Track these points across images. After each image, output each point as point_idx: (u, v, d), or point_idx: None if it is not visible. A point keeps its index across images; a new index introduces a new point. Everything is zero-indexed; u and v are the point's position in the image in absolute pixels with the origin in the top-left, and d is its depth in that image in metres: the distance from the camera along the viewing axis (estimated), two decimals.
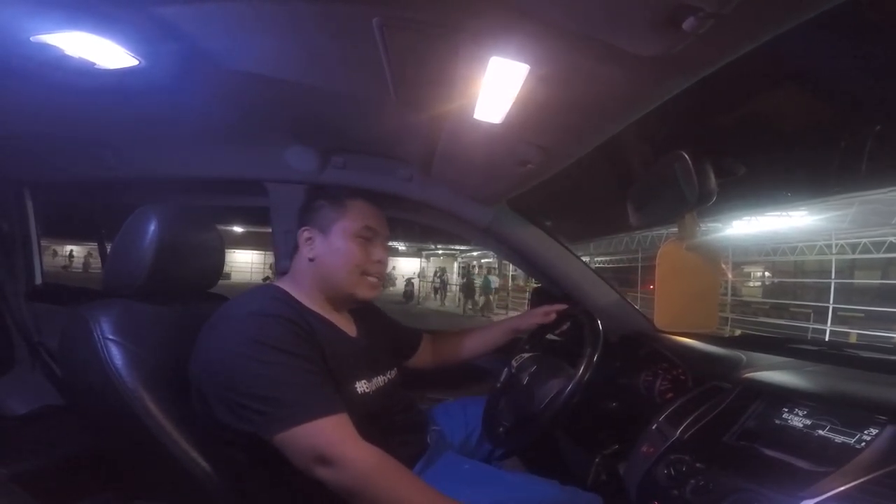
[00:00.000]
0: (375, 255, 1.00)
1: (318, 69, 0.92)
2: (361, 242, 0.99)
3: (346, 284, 0.98)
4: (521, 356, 1.20)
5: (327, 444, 0.76)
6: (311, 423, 0.76)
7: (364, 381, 0.95)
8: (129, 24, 0.78)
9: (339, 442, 0.77)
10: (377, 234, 1.02)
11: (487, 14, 0.64)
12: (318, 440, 0.76)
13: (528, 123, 0.90)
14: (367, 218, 1.00)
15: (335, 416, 0.78)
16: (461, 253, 22.35)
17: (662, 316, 1.16)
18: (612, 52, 0.62)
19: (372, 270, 1.00)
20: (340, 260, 0.97)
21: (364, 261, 0.98)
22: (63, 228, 9.19)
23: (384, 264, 1.03)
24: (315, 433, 0.76)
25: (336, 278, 0.98)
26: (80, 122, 1.25)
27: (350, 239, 0.98)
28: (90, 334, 0.88)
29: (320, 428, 0.76)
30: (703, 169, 0.88)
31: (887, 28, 0.96)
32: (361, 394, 0.93)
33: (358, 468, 0.75)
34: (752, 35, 0.57)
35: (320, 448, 0.75)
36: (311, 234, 0.99)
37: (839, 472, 0.66)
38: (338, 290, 0.99)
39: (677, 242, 1.04)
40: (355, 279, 0.98)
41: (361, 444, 0.78)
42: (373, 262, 1.00)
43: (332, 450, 0.75)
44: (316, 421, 0.76)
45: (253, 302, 0.89)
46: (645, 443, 0.94)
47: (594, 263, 16.13)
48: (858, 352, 1.15)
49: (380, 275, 1.02)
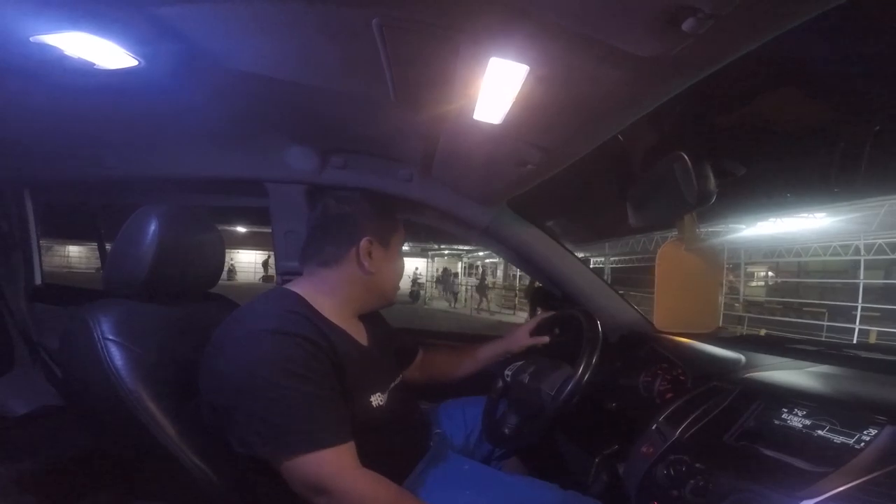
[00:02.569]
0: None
1: (318, 69, 0.92)
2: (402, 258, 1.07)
3: (392, 296, 1.05)
4: (514, 364, 1.20)
5: (326, 475, 0.75)
6: (314, 454, 0.75)
7: (378, 393, 0.93)
8: (128, 25, 0.78)
9: (337, 473, 0.76)
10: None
11: (487, 15, 0.64)
12: (318, 470, 0.75)
13: (527, 124, 0.90)
14: (405, 235, 1.08)
15: (340, 447, 0.77)
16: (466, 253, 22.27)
17: (662, 316, 1.16)
18: (611, 53, 0.62)
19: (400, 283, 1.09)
20: (397, 274, 1.04)
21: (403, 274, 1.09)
22: (63, 229, 9.19)
23: None
24: (315, 464, 0.75)
25: (389, 292, 1.03)
26: (80, 123, 1.25)
27: (400, 255, 1.05)
28: (90, 335, 0.88)
29: (321, 459, 0.75)
30: (703, 170, 0.88)
31: (887, 27, 0.96)
32: (377, 407, 0.92)
33: (349, 498, 0.76)
34: (751, 36, 0.57)
35: (317, 479, 0.75)
36: (375, 246, 0.96)
37: (838, 473, 0.66)
38: (382, 302, 1.04)
39: (677, 243, 1.04)
40: (393, 289, 1.05)
41: (360, 473, 0.78)
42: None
43: (330, 481, 0.75)
44: (318, 452, 0.75)
45: (270, 315, 0.84)
46: (645, 443, 0.94)
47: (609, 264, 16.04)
48: (858, 352, 1.16)
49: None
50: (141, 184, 1.59)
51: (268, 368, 0.77)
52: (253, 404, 0.76)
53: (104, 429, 0.98)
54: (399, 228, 1.03)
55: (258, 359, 0.78)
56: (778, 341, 1.30)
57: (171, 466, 0.86)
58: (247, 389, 0.77)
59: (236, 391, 0.78)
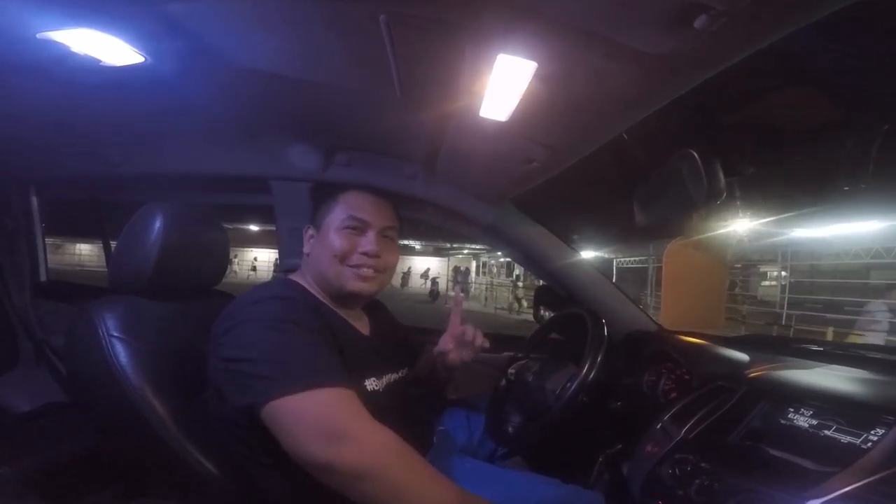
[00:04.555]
0: (363, 245, 0.96)
1: (324, 66, 0.91)
2: (347, 234, 0.96)
3: (333, 277, 0.96)
4: (517, 364, 1.20)
5: (336, 416, 0.72)
6: (318, 391, 0.72)
7: (374, 378, 0.94)
8: (135, 21, 0.78)
9: (349, 417, 0.72)
10: (367, 224, 0.97)
11: (495, 11, 0.63)
12: (326, 410, 0.72)
13: (534, 121, 0.90)
14: (354, 209, 0.97)
15: (345, 390, 0.75)
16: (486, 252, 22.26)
17: (669, 315, 1.16)
18: (621, 50, 0.62)
19: (356, 261, 0.95)
20: (326, 252, 0.95)
21: (347, 251, 0.95)
22: (72, 227, 9.20)
23: (378, 257, 0.97)
24: (323, 402, 0.72)
25: (323, 272, 0.96)
26: (86, 119, 1.25)
27: (335, 231, 0.96)
28: (95, 331, 0.88)
29: (329, 398, 0.73)
30: (712, 168, 0.87)
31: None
32: (371, 391, 0.92)
33: (369, 446, 0.71)
34: (763, 33, 0.56)
35: (328, 421, 0.71)
36: (312, 231, 1.00)
37: (845, 473, 0.66)
38: (329, 284, 0.97)
39: (684, 242, 1.03)
40: (337, 270, 0.95)
41: (373, 421, 0.74)
42: (360, 253, 0.95)
43: (342, 424, 0.71)
44: (324, 389, 0.73)
45: (268, 290, 0.90)
46: (649, 442, 0.94)
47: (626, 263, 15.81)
48: (864, 352, 1.15)
49: (369, 266, 0.97)
50: (146, 181, 1.59)
51: (267, 318, 0.80)
52: (259, 351, 0.77)
53: (109, 426, 0.98)
54: (332, 209, 0.98)
55: (263, 315, 0.81)
56: (783, 341, 1.30)
57: (176, 463, 0.86)
58: (252, 341, 0.79)
59: (242, 343, 0.79)
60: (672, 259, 1.06)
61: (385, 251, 0.99)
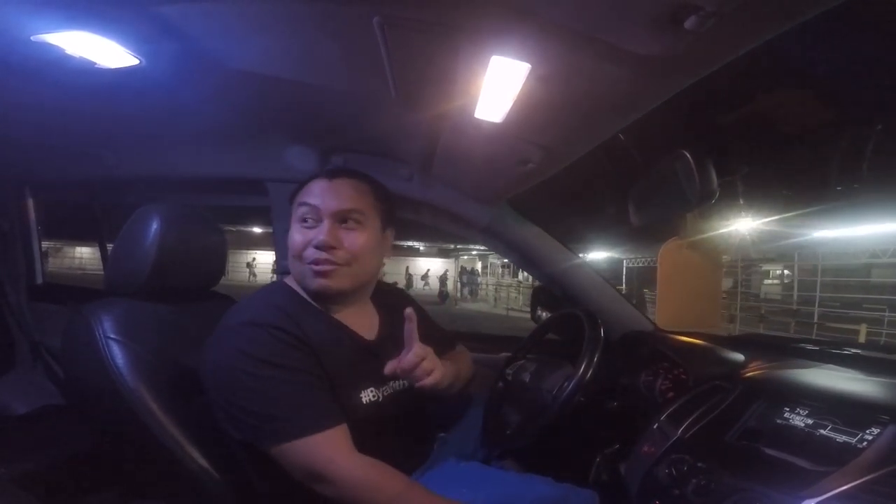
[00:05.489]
0: (314, 238, 0.84)
1: (319, 68, 0.91)
2: (302, 227, 0.87)
3: (297, 277, 0.89)
4: (514, 364, 1.20)
5: (319, 461, 0.75)
6: (302, 441, 0.75)
7: (372, 388, 0.89)
8: (129, 24, 0.78)
9: (331, 458, 0.75)
10: (317, 210, 0.86)
11: (488, 13, 0.63)
12: (310, 457, 0.75)
13: (528, 122, 0.90)
14: (305, 195, 0.88)
15: (329, 432, 0.77)
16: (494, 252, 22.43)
17: (664, 315, 1.16)
18: (613, 51, 0.62)
19: (312, 257, 0.84)
20: (291, 247, 0.88)
21: (303, 247, 0.85)
22: (71, 230, 9.17)
23: (326, 247, 0.84)
24: (307, 451, 0.75)
25: (292, 272, 0.90)
26: (81, 122, 1.25)
27: (294, 226, 0.88)
28: (92, 333, 0.88)
29: (312, 445, 0.75)
30: (705, 168, 0.87)
31: (889, 27, 0.96)
32: (367, 403, 0.88)
33: (349, 485, 0.75)
34: (753, 34, 0.57)
35: (311, 465, 0.75)
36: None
37: (841, 472, 0.66)
38: (306, 281, 0.88)
39: (679, 241, 1.04)
40: (299, 269, 0.87)
41: (354, 458, 0.77)
42: (313, 247, 0.84)
43: (324, 467, 0.75)
44: (307, 438, 0.75)
45: (250, 308, 0.86)
46: (646, 442, 0.94)
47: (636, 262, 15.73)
48: (860, 351, 1.15)
49: (324, 260, 0.85)
50: (141, 183, 1.59)
51: (243, 360, 0.78)
52: (235, 396, 0.78)
53: (106, 428, 0.98)
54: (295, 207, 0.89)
55: (234, 351, 0.79)
56: (780, 341, 1.30)
57: (173, 465, 0.86)
58: (227, 383, 0.79)
59: (219, 385, 0.80)
60: (667, 258, 1.07)
61: (347, 239, 0.86)
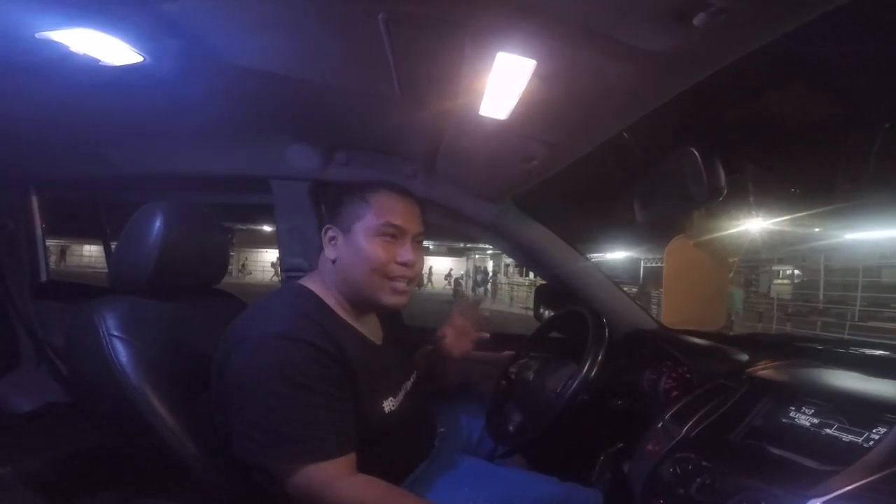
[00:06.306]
0: (401, 256, 0.88)
1: (323, 65, 0.91)
2: (384, 242, 0.88)
3: (367, 289, 0.88)
4: (518, 362, 1.19)
5: (316, 486, 0.74)
6: (305, 467, 0.74)
7: (391, 397, 0.91)
8: (133, 21, 0.78)
9: (328, 485, 0.75)
10: (404, 231, 0.89)
11: (494, 9, 0.63)
12: (309, 483, 0.74)
13: (534, 119, 0.90)
14: (390, 213, 0.88)
15: (335, 461, 0.76)
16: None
17: (670, 313, 1.16)
18: (620, 48, 0.61)
19: (396, 273, 0.88)
20: (361, 262, 0.87)
21: (386, 263, 0.87)
22: (77, 229, 9.20)
23: (412, 266, 0.90)
24: (306, 476, 0.74)
25: (357, 282, 0.89)
26: (85, 119, 1.25)
27: (370, 238, 0.87)
28: (95, 331, 0.88)
29: (313, 472, 0.74)
30: (713, 165, 0.86)
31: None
32: (389, 412, 0.89)
33: None
34: (762, 31, 0.56)
35: (308, 490, 0.74)
36: (334, 233, 0.91)
37: (847, 471, 0.66)
38: (361, 296, 0.90)
39: (685, 239, 1.03)
40: (377, 283, 0.88)
41: (350, 482, 0.76)
42: (397, 264, 0.88)
43: (319, 493, 0.74)
44: (311, 465, 0.74)
45: (277, 318, 0.82)
46: (650, 441, 0.94)
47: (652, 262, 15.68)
48: (865, 351, 1.15)
49: (407, 279, 0.90)
50: (145, 180, 1.59)
51: (271, 375, 0.75)
52: (254, 410, 0.76)
53: (109, 426, 0.98)
54: (363, 212, 0.88)
55: (263, 364, 0.77)
56: (785, 340, 1.30)
57: (176, 463, 0.86)
58: (249, 394, 0.77)
59: (240, 395, 0.78)
60: (673, 256, 1.06)
61: (418, 259, 0.92)
